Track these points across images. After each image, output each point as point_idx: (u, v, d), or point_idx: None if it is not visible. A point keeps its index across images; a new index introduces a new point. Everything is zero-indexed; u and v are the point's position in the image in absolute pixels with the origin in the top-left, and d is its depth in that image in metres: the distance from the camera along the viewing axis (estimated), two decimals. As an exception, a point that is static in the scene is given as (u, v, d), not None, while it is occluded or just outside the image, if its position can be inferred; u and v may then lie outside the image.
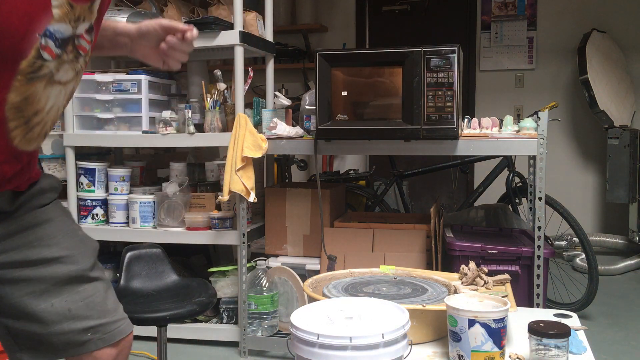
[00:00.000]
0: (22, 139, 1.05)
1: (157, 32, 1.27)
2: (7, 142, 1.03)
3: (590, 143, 4.81)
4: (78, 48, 1.06)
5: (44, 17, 0.94)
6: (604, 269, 3.91)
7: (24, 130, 1.05)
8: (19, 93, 0.99)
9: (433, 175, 4.32)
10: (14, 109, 1.00)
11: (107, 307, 1.22)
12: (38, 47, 0.96)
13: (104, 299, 1.22)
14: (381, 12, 5.30)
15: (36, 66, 0.98)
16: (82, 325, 1.17)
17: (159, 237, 2.78)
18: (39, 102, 1.03)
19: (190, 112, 2.78)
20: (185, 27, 1.26)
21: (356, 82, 2.40)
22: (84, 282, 1.19)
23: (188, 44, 1.27)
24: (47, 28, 0.95)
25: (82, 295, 1.18)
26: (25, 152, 1.10)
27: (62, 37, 0.99)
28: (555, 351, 1.24)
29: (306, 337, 1.13)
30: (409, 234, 2.68)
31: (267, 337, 2.66)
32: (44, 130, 1.11)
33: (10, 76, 0.96)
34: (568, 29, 4.78)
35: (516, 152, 2.41)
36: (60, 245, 1.18)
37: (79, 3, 1.01)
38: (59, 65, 1.03)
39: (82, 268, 1.19)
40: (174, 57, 1.30)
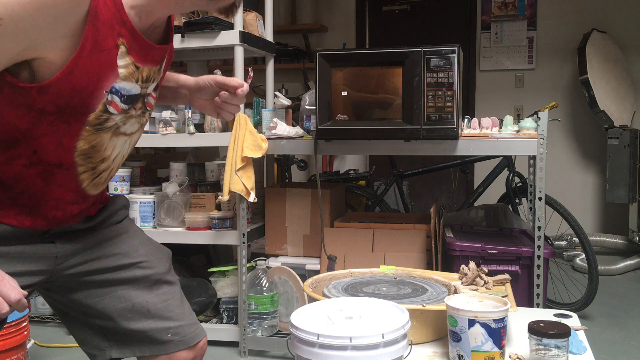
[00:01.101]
0: (90, 183, 1.16)
1: (212, 86, 1.37)
2: (77, 184, 1.14)
3: (590, 143, 4.81)
4: (146, 105, 1.17)
5: (110, 76, 1.03)
6: (604, 269, 3.91)
7: (92, 175, 1.15)
8: (87, 142, 1.09)
9: (433, 175, 4.33)
10: (82, 156, 1.10)
11: (184, 311, 1.32)
12: (105, 102, 1.05)
13: (180, 302, 1.33)
14: (381, 12, 5.30)
15: (103, 119, 1.07)
16: (161, 325, 1.26)
17: (159, 237, 2.76)
18: (105, 151, 1.13)
19: (190, 112, 2.78)
20: (236, 83, 1.35)
21: (356, 82, 2.40)
22: (161, 285, 1.29)
23: (240, 98, 1.37)
24: (113, 85, 1.05)
25: (161, 297, 1.28)
26: (92, 196, 1.20)
27: (128, 94, 1.09)
28: (555, 351, 1.24)
29: (306, 337, 1.13)
30: (409, 234, 2.68)
31: (267, 337, 2.66)
32: (110, 176, 1.21)
33: (80, 127, 1.06)
34: (568, 29, 4.78)
35: (516, 152, 2.41)
36: (137, 252, 1.28)
37: (147, 65, 1.11)
38: (125, 119, 1.12)
39: (160, 272, 1.30)
40: (227, 109, 1.40)
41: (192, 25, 2.69)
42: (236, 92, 1.35)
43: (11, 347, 2.16)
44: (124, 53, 1.04)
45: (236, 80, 1.35)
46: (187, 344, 1.30)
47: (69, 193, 1.14)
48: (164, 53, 1.15)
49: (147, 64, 1.10)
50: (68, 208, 1.16)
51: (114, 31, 1.00)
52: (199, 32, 2.68)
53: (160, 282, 1.29)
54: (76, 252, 1.22)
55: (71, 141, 1.07)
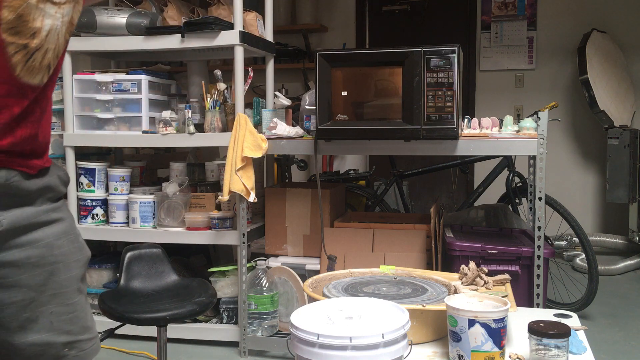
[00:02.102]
0: (23, 67, 1.03)
1: None
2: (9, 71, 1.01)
3: (590, 143, 4.81)
4: None
5: None
6: (604, 269, 3.91)
7: (25, 57, 1.02)
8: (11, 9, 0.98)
9: (433, 175, 4.32)
10: (9, 30, 0.99)
11: (87, 324, 1.17)
12: None
13: (85, 314, 1.17)
14: (381, 12, 5.30)
15: None
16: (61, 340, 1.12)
17: (159, 237, 2.78)
18: (34, 21, 1.01)
19: (190, 112, 2.78)
20: None
21: (356, 82, 2.40)
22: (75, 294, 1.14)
23: None
24: None
25: (70, 308, 1.13)
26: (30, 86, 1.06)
27: None
28: (555, 351, 1.24)
29: (306, 337, 1.13)
30: (409, 234, 2.68)
31: (267, 337, 2.66)
32: (45, 60, 1.07)
33: None
34: (568, 29, 4.78)
35: (516, 152, 2.41)
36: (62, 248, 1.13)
37: None
38: None
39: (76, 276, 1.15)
40: None
41: (192, 25, 2.69)
42: None
43: (11, 347, 2.15)
44: None
45: None
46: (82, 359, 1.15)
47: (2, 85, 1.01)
48: None
49: None
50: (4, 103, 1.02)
51: None
52: (199, 32, 2.68)
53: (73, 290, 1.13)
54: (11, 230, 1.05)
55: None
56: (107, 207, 2.95)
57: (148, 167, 3.29)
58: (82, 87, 2.94)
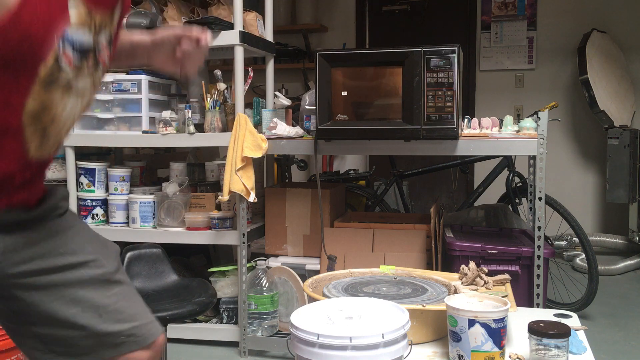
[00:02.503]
0: (37, 147, 1.06)
1: (171, 40, 1.28)
2: (23, 150, 1.04)
3: (590, 143, 4.81)
4: (99, 59, 1.08)
5: (61, 20, 0.95)
6: (604, 269, 3.91)
7: (40, 139, 1.06)
8: (37, 100, 1.00)
9: (433, 175, 4.32)
10: (31, 116, 1.01)
11: (137, 310, 1.24)
12: (57, 52, 0.97)
13: (133, 302, 1.25)
14: (381, 12, 5.30)
15: (54, 73, 0.99)
16: (113, 328, 1.18)
17: (159, 237, 2.78)
18: (55, 111, 1.04)
19: (190, 112, 2.78)
20: (198, 33, 1.27)
21: (356, 82, 2.40)
22: (111, 285, 1.21)
23: (203, 48, 1.28)
24: (65, 33, 0.97)
25: (112, 299, 1.20)
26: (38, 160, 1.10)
27: (81, 46, 1.01)
28: (555, 351, 1.24)
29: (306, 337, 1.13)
30: (409, 234, 2.68)
31: (267, 337, 2.66)
32: (58, 138, 1.11)
33: (29, 81, 0.97)
34: (568, 29, 4.78)
35: (516, 152, 2.41)
36: (84, 250, 1.19)
37: (99, 10, 1.03)
38: (77, 75, 1.04)
39: (109, 271, 1.21)
40: (190, 62, 1.31)
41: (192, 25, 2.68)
42: (198, 41, 1.26)
43: (11, 347, 2.16)
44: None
45: (197, 30, 1.27)
46: (141, 344, 1.22)
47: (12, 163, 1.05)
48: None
49: (100, 7, 1.03)
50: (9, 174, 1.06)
51: None
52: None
53: (109, 282, 1.21)
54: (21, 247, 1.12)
55: (20, 100, 0.98)
56: (107, 207, 2.95)
57: (148, 167, 3.29)
58: (82, 87, 2.93)
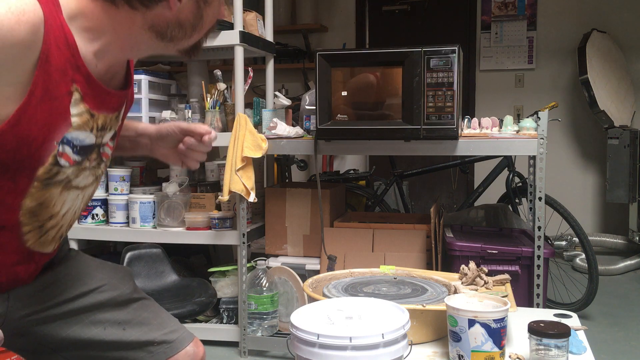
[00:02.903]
0: (36, 241, 1.05)
1: (175, 134, 1.28)
2: (20, 243, 1.03)
3: (590, 143, 4.81)
4: (102, 155, 1.08)
5: (62, 126, 0.94)
6: (604, 269, 3.91)
7: (38, 234, 1.05)
8: (35, 199, 0.98)
9: (433, 175, 4.32)
10: (28, 214, 1.00)
11: (162, 320, 1.25)
12: (55, 154, 0.95)
13: (155, 313, 1.26)
14: (381, 12, 5.30)
15: (53, 172, 0.97)
16: (143, 338, 1.20)
17: (159, 237, 2.78)
18: (54, 207, 1.03)
19: (190, 112, 2.78)
20: (202, 130, 1.26)
21: (356, 82, 2.40)
22: (130, 303, 1.23)
23: (206, 145, 1.27)
24: (64, 135, 0.95)
25: (133, 314, 1.22)
26: (40, 254, 1.09)
27: (81, 145, 0.99)
28: (555, 351, 1.24)
29: (306, 337, 1.13)
30: (409, 234, 2.68)
31: (267, 337, 2.66)
32: (59, 233, 1.10)
33: (27, 183, 0.96)
34: (568, 29, 4.78)
35: (516, 152, 2.41)
36: (94, 278, 1.22)
37: (103, 112, 1.02)
38: (78, 172, 1.03)
39: (124, 292, 1.23)
40: (193, 157, 1.29)
41: (192, 25, 2.68)
42: (202, 138, 1.26)
43: (11, 347, 2.15)
44: (78, 100, 0.95)
45: (203, 127, 1.27)
46: (170, 353, 1.23)
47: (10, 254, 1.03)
48: (122, 99, 1.08)
49: (103, 111, 1.02)
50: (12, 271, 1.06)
51: (67, 77, 0.91)
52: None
53: (128, 301, 1.22)
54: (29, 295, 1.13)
55: (16, 200, 0.96)
56: (107, 207, 2.95)
57: (148, 167, 3.29)
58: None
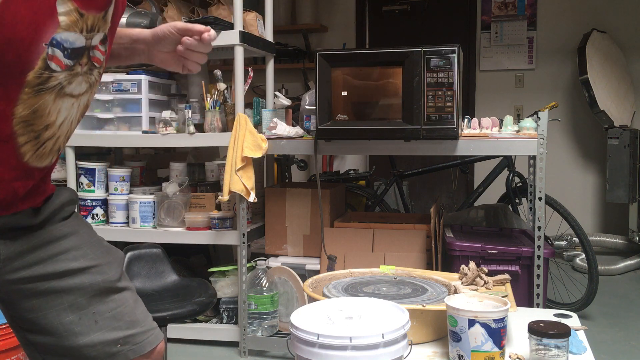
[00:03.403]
0: (33, 154, 1.02)
1: (173, 35, 1.23)
2: (18, 158, 1.00)
3: (590, 143, 4.81)
4: (92, 60, 1.04)
5: (50, 25, 0.90)
6: (604, 269, 3.91)
7: (35, 146, 1.01)
8: (27, 106, 0.95)
9: (433, 175, 4.32)
10: (22, 123, 0.97)
11: (135, 318, 1.21)
12: (45, 57, 0.92)
13: (132, 309, 1.22)
14: (381, 12, 5.30)
15: (44, 77, 0.94)
16: (110, 337, 1.16)
17: (159, 237, 2.78)
18: (49, 116, 1.00)
19: (190, 112, 2.78)
20: (202, 28, 1.22)
21: (356, 82, 2.40)
22: (111, 293, 1.19)
23: (206, 44, 1.23)
24: (53, 37, 0.92)
25: (110, 306, 1.17)
26: (38, 169, 1.06)
27: (72, 47, 0.96)
28: (555, 351, 1.24)
29: (306, 337, 1.13)
30: (409, 234, 2.68)
31: (267, 337, 2.66)
32: (56, 145, 1.07)
33: (17, 89, 0.93)
34: (568, 29, 4.78)
35: (516, 152, 2.41)
36: (86, 256, 1.16)
37: (91, 12, 0.97)
38: (70, 78, 1.00)
39: (110, 279, 1.19)
40: (193, 59, 1.26)
41: (192, 25, 2.68)
42: (202, 36, 1.21)
43: (11, 347, 2.16)
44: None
45: (201, 26, 1.22)
46: (138, 353, 1.19)
47: (10, 170, 1.00)
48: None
49: (92, 10, 0.97)
50: (10, 187, 1.03)
51: None
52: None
53: (110, 290, 1.18)
54: (21, 254, 1.10)
55: (8, 107, 0.93)
56: (107, 207, 2.95)
57: (148, 167, 3.29)
58: (82, 87, 2.93)
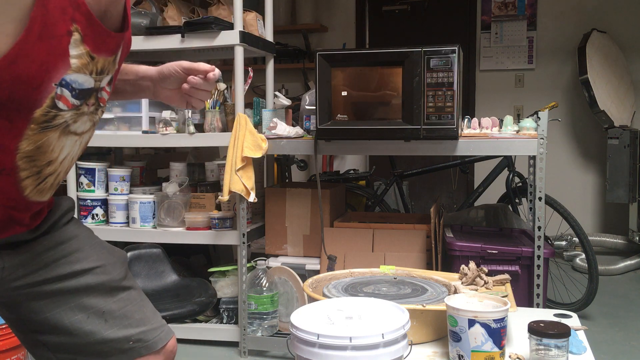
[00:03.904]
0: (33, 189, 1.03)
1: (178, 73, 1.26)
2: (18, 191, 1.01)
3: (590, 143, 4.81)
4: (99, 100, 1.06)
5: (61, 67, 0.92)
6: (604, 269, 3.91)
7: (36, 181, 1.02)
8: (32, 142, 0.96)
9: (433, 175, 4.32)
10: (26, 158, 0.97)
11: (144, 315, 1.23)
12: (54, 96, 0.93)
13: (140, 307, 1.23)
14: (381, 12, 5.30)
15: (50, 115, 0.95)
16: (122, 334, 1.17)
17: (159, 237, 2.78)
18: (52, 152, 1.01)
19: (190, 112, 2.78)
20: (207, 67, 1.24)
21: (356, 82, 2.40)
22: (118, 292, 1.20)
23: (210, 83, 1.26)
24: (63, 77, 0.93)
25: (118, 304, 1.19)
26: (37, 202, 1.08)
27: (80, 88, 0.97)
28: (555, 351, 1.24)
29: (306, 337, 1.13)
30: (409, 234, 2.68)
31: (267, 337, 2.66)
32: (57, 181, 1.08)
33: (24, 125, 0.94)
34: (568, 29, 4.78)
35: (516, 152, 2.41)
36: (89, 258, 1.18)
37: (102, 55, 0.99)
38: (76, 117, 1.01)
39: (114, 278, 1.20)
40: (197, 96, 1.28)
41: (192, 25, 2.69)
42: (207, 76, 1.24)
43: (11, 347, 2.16)
44: (78, 41, 0.92)
45: (206, 65, 1.25)
46: (150, 349, 1.21)
47: (8, 200, 1.02)
48: (119, 41, 1.04)
49: (103, 53, 0.99)
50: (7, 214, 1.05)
51: (66, 15, 0.88)
52: (198, 32, 2.68)
53: (116, 289, 1.20)
54: (24, 262, 1.11)
55: (13, 142, 0.94)
56: (107, 207, 2.95)
57: (148, 167, 3.29)
58: (82, 87, 2.93)
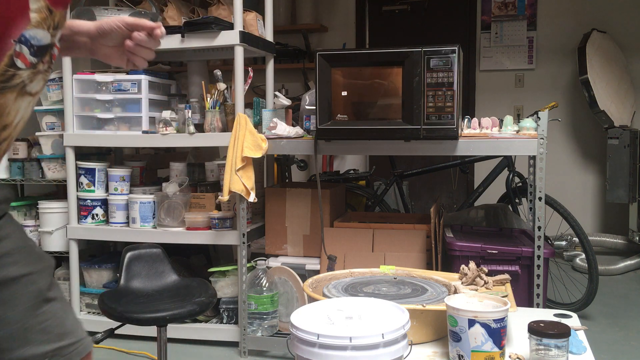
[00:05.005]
0: None
1: (120, 29, 1.18)
2: None
3: (590, 143, 4.81)
4: (52, 57, 1.00)
5: (20, 22, 0.87)
6: (604, 269, 3.91)
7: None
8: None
9: (433, 175, 4.32)
10: None
11: (65, 330, 1.15)
12: (12, 54, 0.89)
13: (62, 320, 1.15)
14: (381, 12, 5.30)
15: (8, 75, 0.90)
16: (39, 351, 1.09)
17: (159, 237, 2.78)
18: (8, 116, 0.95)
19: (190, 112, 2.78)
20: (152, 24, 1.19)
21: (356, 82, 2.40)
22: (42, 304, 1.12)
23: (156, 41, 1.19)
24: (22, 33, 0.89)
25: (40, 318, 1.11)
26: None
27: (38, 45, 0.93)
28: (555, 351, 1.24)
29: (306, 337, 1.13)
30: (409, 234, 2.68)
31: (267, 337, 2.66)
32: (9, 146, 1.01)
33: None
34: (568, 29, 4.78)
35: (516, 152, 2.41)
36: (18, 263, 1.09)
37: (59, 8, 0.94)
38: (32, 76, 0.96)
39: (40, 288, 1.12)
40: (141, 54, 1.22)
41: (192, 25, 2.69)
42: (154, 32, 1.17)
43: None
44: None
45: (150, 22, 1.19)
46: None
47: None
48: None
49: (59, 6, 0.94)
50: None
51: None
52: (199, 32, 2.68)
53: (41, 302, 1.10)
54: None
55: None
56: (107, 207, 2.95)
57: (148, 167, 3.29)
58: (82, 87, 2.94)
